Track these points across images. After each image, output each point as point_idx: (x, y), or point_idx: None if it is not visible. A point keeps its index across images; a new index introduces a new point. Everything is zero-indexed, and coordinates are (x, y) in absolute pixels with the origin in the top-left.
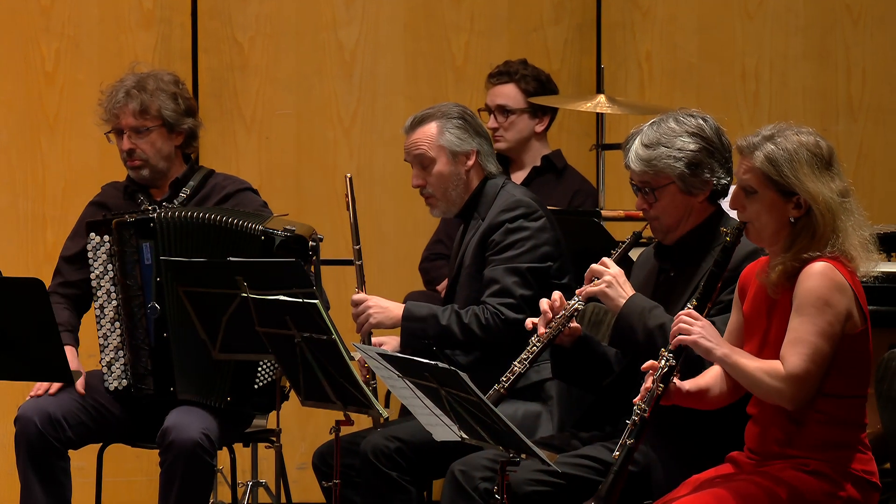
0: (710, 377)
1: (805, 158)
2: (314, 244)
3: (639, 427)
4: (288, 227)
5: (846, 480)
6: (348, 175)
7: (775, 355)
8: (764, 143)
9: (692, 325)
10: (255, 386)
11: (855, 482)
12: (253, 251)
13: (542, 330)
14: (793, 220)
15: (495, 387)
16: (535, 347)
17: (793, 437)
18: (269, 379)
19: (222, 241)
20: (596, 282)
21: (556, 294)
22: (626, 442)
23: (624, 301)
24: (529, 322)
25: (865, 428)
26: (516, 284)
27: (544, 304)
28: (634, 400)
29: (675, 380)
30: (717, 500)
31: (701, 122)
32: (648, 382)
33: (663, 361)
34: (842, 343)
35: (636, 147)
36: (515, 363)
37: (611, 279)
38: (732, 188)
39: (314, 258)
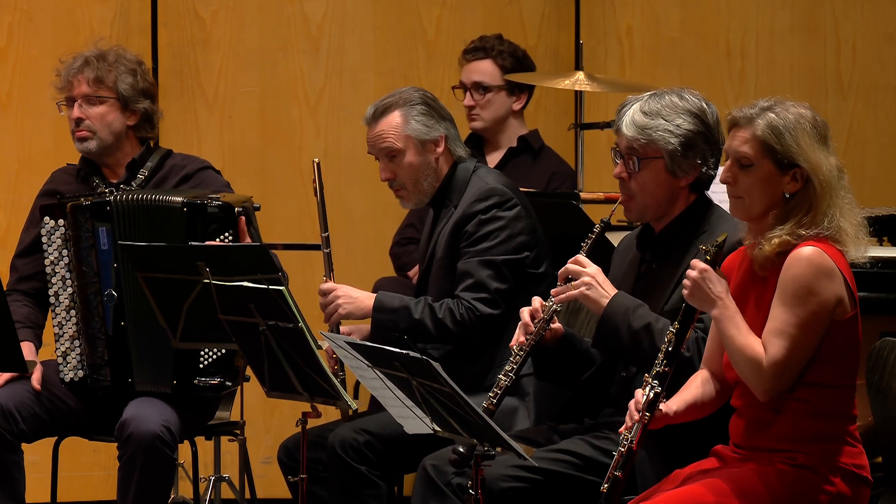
0: (695, 387)
1: (806, 129)
2: (240, 210)
3: (626, 458)
4: (212, 196)
5: (835, 475)
6: (316, 160)
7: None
8: (763, 113)
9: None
10: (201, 365)
11: (844, 476)
12: (178, 225)
13: (522, 339)
14: (788, 196)
15: (483, 404)
16: (518, 357)
17: (779, 429)
18: (217, 355)
19: (160, 222)
20: (573, 283)
21: (536, 301)
22: (613, 475)
23: (606, 302)
24: (514, 342)
25: (855, 420)
26: (491, 278)
27: (525, 314)
28: (620, 430)
29: (662, 406)
30: (700, 495)
31: (704, 105)
32: (635, 414)
33: (648, 389)
34: (830, 329)
35: (633, 112)
36: (501, 377)
37: (589, 280)
38: (720, 169)
39: (250, 226)
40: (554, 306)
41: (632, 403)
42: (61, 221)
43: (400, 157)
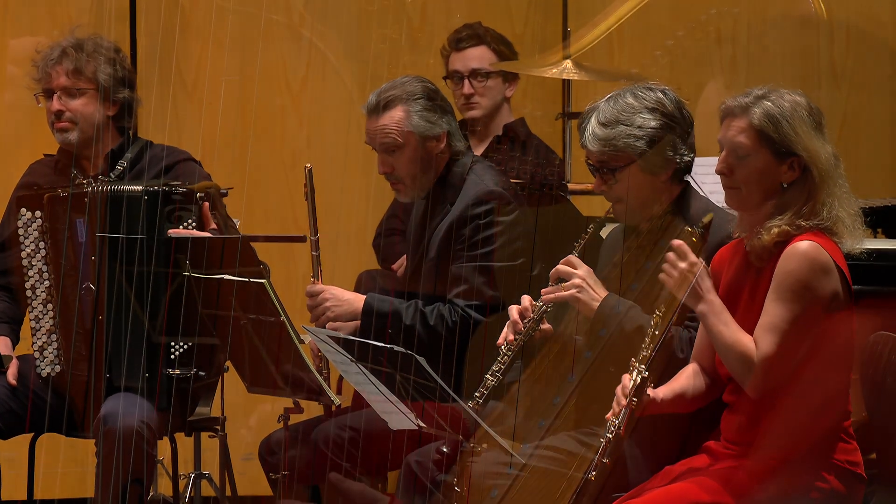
0: (685, 378)
1: (803, 116)
2: (202, 195)
3: (613, 445)
4: (175, 183)
5: (829, 471)
6: (308, 166)
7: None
8: (758, 102)
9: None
10: (171, 356)
11: (838, 473)
12: (140, 213)
13: (511, 337)
14: (785, 185)
15: (469, 403)
16: (506, 357)
17: (771, 425)
18: (186, 346)
19: (125, 212)
20: (564, 285)
21: (526, 300)
22: (601, 462)
23: (597, 304)
24: (502, 340)
25: (849, 415)
26: (485, 285)
27: (514, 312)
28: (607, 416)
29: (649, 391)
30: (692, 493)
31: (660, 95)
32: (622, 399)
33: (635, 374)
34: (824, 324)
35: (592, 125)
36: (488, 376)
37: (580, 282)
38: (713, 159)
39: (215, 210)
40: (544, 307)
41: (618, 389)
42: (38, 213)
43: (400, 152)
